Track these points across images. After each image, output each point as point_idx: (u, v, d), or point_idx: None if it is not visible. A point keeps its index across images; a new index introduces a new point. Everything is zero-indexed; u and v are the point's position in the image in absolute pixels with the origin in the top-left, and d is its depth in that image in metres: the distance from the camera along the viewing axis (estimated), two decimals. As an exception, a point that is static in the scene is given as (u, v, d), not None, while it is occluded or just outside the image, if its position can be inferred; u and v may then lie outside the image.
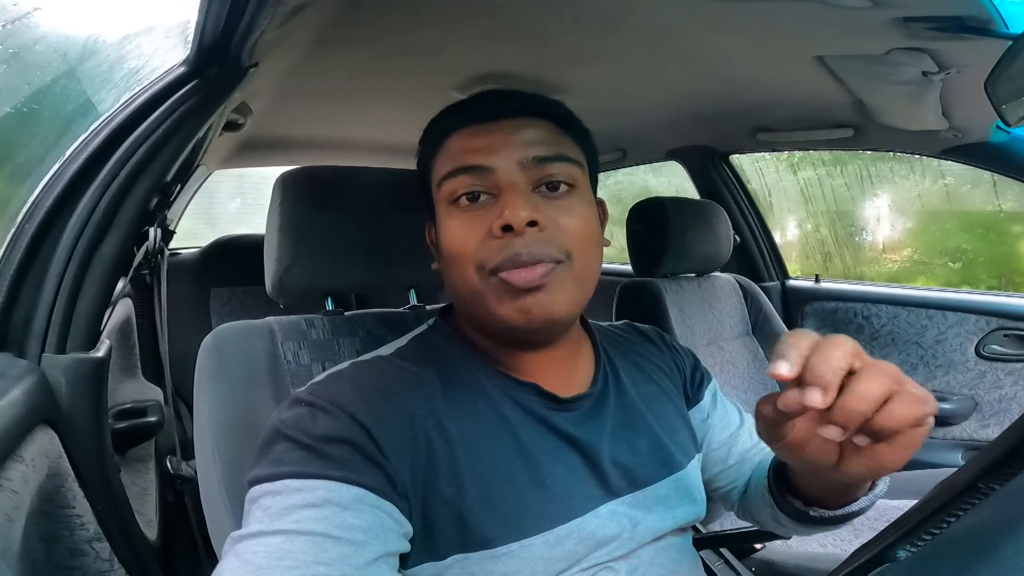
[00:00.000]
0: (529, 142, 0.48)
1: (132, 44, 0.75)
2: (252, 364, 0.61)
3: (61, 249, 0.64)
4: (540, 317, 0.46)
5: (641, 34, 0.91)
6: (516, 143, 0.48)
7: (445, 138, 0.50)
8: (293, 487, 0.38)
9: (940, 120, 1.04)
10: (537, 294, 0.45)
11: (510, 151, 0.47)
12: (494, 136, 0.48)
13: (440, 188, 0.49)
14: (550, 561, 0.45)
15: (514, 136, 0.48)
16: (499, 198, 0.47)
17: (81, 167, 0.65)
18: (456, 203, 0.48)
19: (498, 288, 0.46)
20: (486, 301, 0.47)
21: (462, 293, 0.49)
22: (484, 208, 0.47)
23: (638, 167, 1.93)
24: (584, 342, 0.57)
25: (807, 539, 1.12)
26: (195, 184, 1.70)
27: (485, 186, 0.47)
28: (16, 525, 0.47)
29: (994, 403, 1.38)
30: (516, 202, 0.45)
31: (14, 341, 0.62)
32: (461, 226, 0.47)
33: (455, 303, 0.54)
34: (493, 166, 0.47)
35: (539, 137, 0.49)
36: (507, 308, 0.46)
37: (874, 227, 2.23)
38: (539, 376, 0.51)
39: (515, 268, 0.45)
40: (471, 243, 0.46)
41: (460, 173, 0.48)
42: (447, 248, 0.48)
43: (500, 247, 0.45)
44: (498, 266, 0.45)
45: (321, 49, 0.91)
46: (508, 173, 0.47)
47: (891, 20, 0.74)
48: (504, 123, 0.49)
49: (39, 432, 0.56)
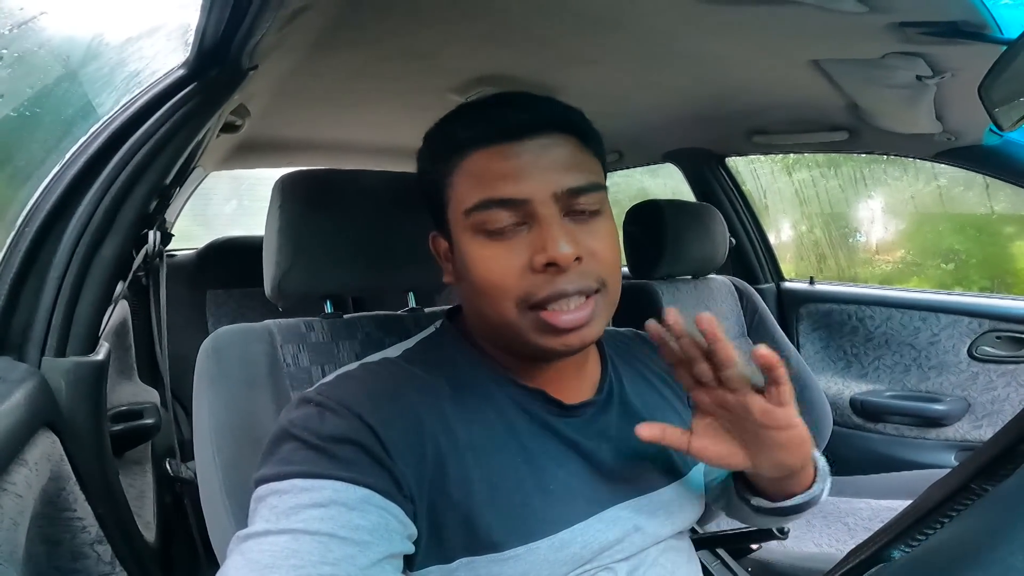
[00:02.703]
0: (560, 167, 0.46)
1: (134, 47, 0.75)
2: (252, 367, 0.61)
3: (61, 253, 0.64)
4: (579, 346, 0.47)
5: (638, 37, 0.91)
6: (547, 167, 0.46)
7: (463, 153, 0.47)
8: (300, 486, 0.39)
9: (934, 123, 1.06)
10: (579, 332, 0.46)
11: (544, 180, 0.45)
12: (523, 159, 0.45)
13: (468, 217, 0.46)
14: (555, 564, 0.46)
15: (543, 159, 0.46)
16: (532, 227, 0.45)
17: (80, 170, 0.65)
18: (487, 231, 0.46)
19: (538, 324, 0.45)
20: (522, 333, 0.46)
21: (492, 322, 0.48)
22: (518, 238, 0.46)
23: (634, 169, 1.94)
24: (592, 350, 0.57)
25: (803, 539, 1.13)
26: (192, 186, 1.69)
27: (517, 216, 0.45)
28: (20, 529, 0.47)
29: (987, 404, 1.39)
30: (557, 236, 0.44)
31: (14, 345, 0.62)
32: (496, 258, 0.45)
33: (474, 320, 0.53)
34: (528, 198, 0.45)
35: (568, 160, 0.47)
36: (548, 340, 0.46)
37: (868, 229, 2.25)
38: (547, 383, 0.51)
39: (558, 303, 0.45)
40: (510, 277, 0.45)
41: (493, 206, 0.45)
42: (479, 279, 0.46)
43: (543, 282, 0.44)
44: (542, 302, 0.45)
45: (320, 51, 0.91)
46: (543, 205, 0.45)
47: (886, 25, 0.74)
48: (530, 142, 0.46)
49: (41, 436, 0.56)
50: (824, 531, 1.15)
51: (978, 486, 0.48)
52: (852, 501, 1.25)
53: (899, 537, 0.51)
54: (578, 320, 0.45)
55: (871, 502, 1.22)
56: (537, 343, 0.46)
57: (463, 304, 0.54)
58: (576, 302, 0.45)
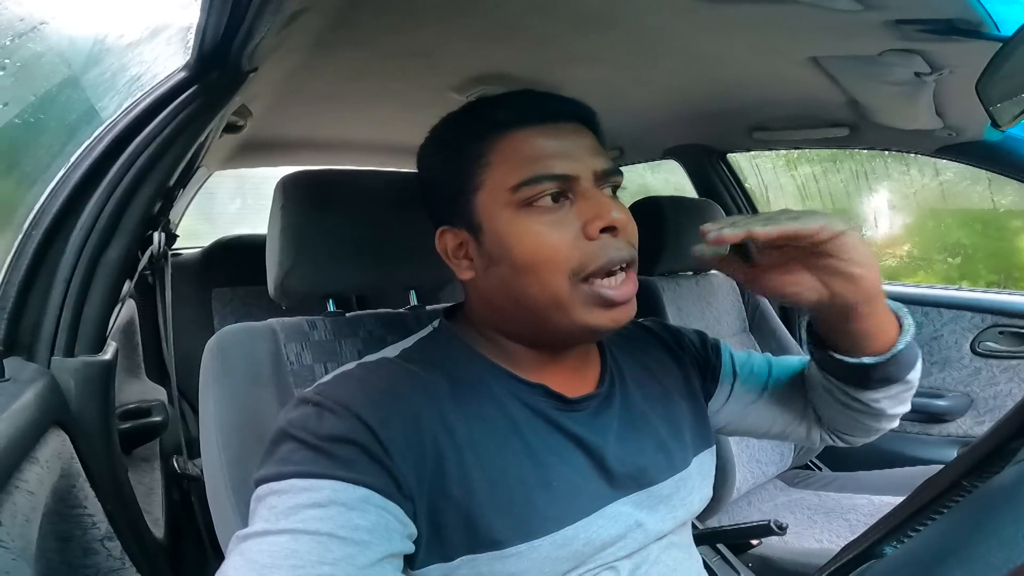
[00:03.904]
0: (593, 150, 0.49)
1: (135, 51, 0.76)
2: (256, 365, 0.62)
3: (67, 255, 0.65)
4: (625, 322, 0.48)
5: (637, 35, 0.91)
6: (585, 149, 0.49)
7: (503, 133, 0.48)
8: (299, 486, 0.38)
9: (934, 119, 1.05)
10: (626, 306, 0.48)
11: (585, 160, 0.48)
12: (565, 140, 0.48)
13: (516, 192, 0.47)
14: (557, 561, 0.46)
15: (581, 143, 0.49)
16: (576, 202, 0.47)
17: (85, 173, 0.66)
18: (533, 206, 0.47)
19: (591, 298, 0.46)
20: (571, 309, 0.46)
21: (538, 300, 0.47)
22: (563, 212, 0.47)
23: (636, 166, 1.93)
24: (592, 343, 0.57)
25: (804, 535, 1.14)
26: (196, 185, 1.71)
27: (563, 192, 0.47)
28: (33, 525, 0.48)
29: (989, 400, 1.39)
30: (609, 204, 0.47)
31: (24, 345, 0.63)
32: (546, 232, 0.46)
33: (491, 312, 0.52)
34: (577, 174, 0.47)
35: (595, 145, 0.50)
36: (597, 316, 0.47)
37: (873, 223, 2.24)
38: (547, 377, 0.51)
39: (609, 276, 0.47)
40: (563, 248, 0.46)
41: (545, 180, 0.46)
42: (529, 254, 0.46)
43: (598, 249, 0.46)
44: (598, 270, 0.46)
45: (319, 52, 0.92)
46: (588, 180, 0.48)
47: (883, 22, 0.74)
48: (566, 126, 0.49)
49: (51, 434, 0.57)
50: (825, 527, 1.15)
51: (969, 483, 0.48)
52: (854, 497, 1.25)
53: (891, 533, 0.52)
54: (630, 293, 0.48)
55: (873, 498, 1.22)
56: (585, 320, 0.47)
57: (481, 298, 0.53)
58: (620, 278, 0.48)
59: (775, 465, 1.31)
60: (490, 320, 0.53)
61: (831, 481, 1.36)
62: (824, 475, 1.41)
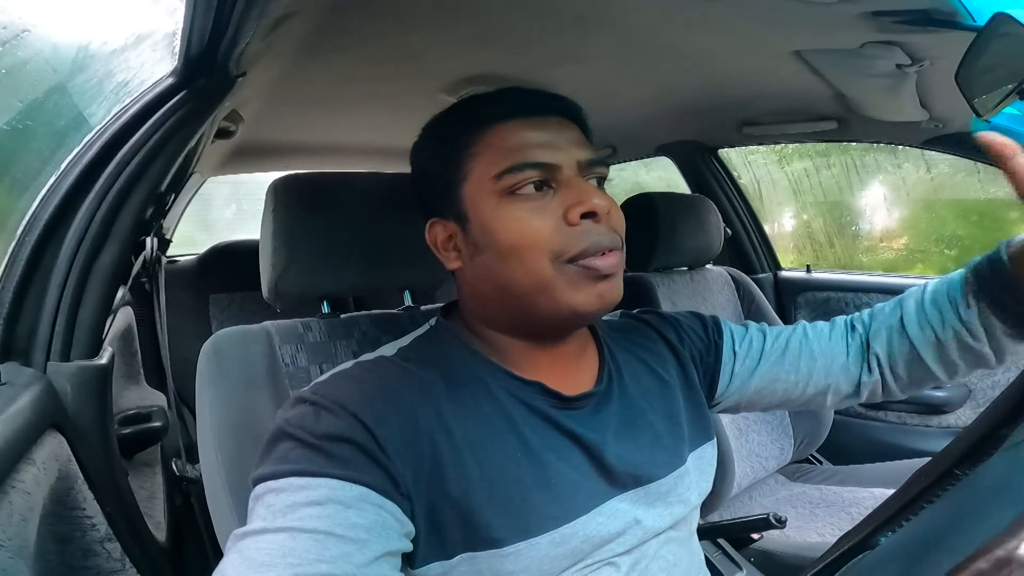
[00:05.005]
0: (577, 143, 0.50)
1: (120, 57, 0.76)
2: (251, 367, 0.62)
3: (61, 260, 0.65)
4: (610, 302, 0.48)
5: (623, 33, 0.92)
6: (568, 140, 0.50)
7: (490, 125, 0.49)
8: (297, 485, 0.38)
9: (920, 111, 1.06)
10: (611, 280, 0.48)
11: (568, 150, 0.49)
12: (549, 132, 0.49)
13: (498, 181, 0.48)
14: (556, 559, 0.46)
15: (564, 134, 0.50)
16: (559, 191, 0.48)
17: (76, 180, 0.66)
18: (516, 194, 0.48)
19: (576, 275, 0.47)
20: (555, 290, 0.47)
21: (522, 285, 0.48)
22: (546, 199, 0.48)
23: (630, 165, 1.94)
24: (589, 339, 0.57)
25: (805, 528, 1.13)
26: (190, 192, 1.72)
27: (545, 181, 0.48)
28: (30, 525, 0.48)
29: (987, 390, 1.38)
30: (590, 190, 0.48)
31: (20, 350, 0.64)
32: (527, 218, 0.47)
33: (481, 304, 0.53)
34: (559, 163, 0.48)
35: (580, 138, 0.51)
36: (583, 295, 0.47)
37: (870, 216, 2.24)
38: (544, 375, 0.51)
39: (596, 255, 0.47)
40: (544, 232, 0.47)
41: (527, 168, 0.47)
42: (511, 240, 0.47)
43: (579, 234, 0.47)
44: (580, 253, 0.46)
45: (308, 56, 0.92)
46: (571, 169, 0.49)
47: (860, 15, 0.75)
48: (552, 119, 0.50)
49: (48, 436, 0.57)
50: (826, 520, 1.15)
51: (960, 471, 0.48)
52: (855, 490, 1.24)
53: (886, 523, 0.52)
54: (613, 264, 0.47)
55: (874, 491, 1.22)
56: (570, 301, 0.47)
57: (469, 288, 0.53)
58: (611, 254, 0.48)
59: (775, 459, 1.30)
60: (480, 313, 0.53)
61: (832, 475, 1.36)
62: (825, 469, 1.41)
